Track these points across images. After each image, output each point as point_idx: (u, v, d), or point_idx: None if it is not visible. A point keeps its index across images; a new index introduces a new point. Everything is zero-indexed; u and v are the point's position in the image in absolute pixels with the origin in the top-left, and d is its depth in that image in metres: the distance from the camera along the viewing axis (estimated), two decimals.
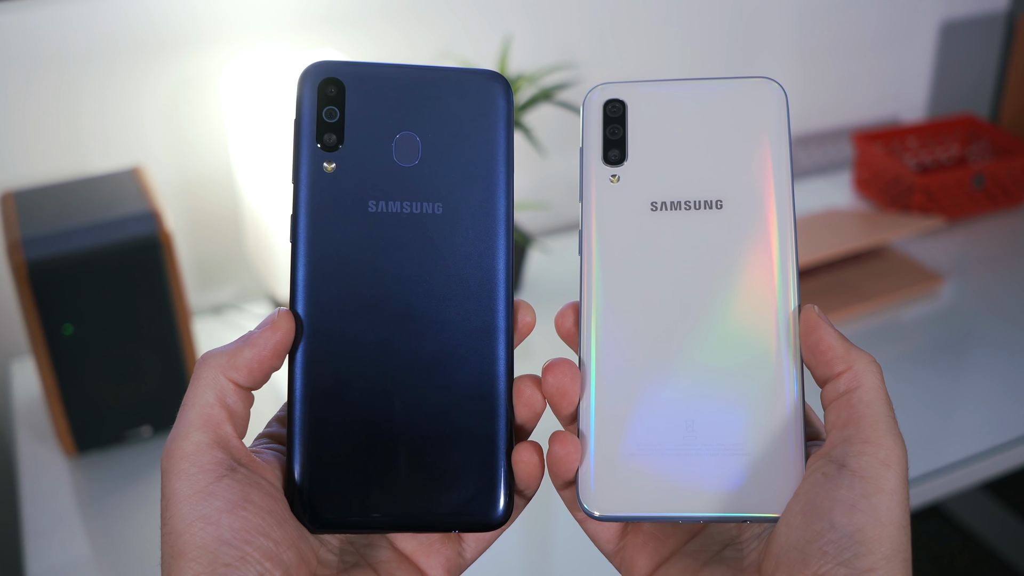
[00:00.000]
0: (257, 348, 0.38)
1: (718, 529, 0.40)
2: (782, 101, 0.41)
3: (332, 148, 0.40)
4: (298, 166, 0.40)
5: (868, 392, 0.38)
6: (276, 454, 0.39)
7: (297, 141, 0.40)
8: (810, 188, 1.50)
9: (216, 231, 1.22)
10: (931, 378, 1.06)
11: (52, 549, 0.87)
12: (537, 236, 1.40)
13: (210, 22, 1.12)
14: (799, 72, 1.50)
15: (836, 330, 0.39)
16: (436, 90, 0.40)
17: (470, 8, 1.24)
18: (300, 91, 0.40)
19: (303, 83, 0.40)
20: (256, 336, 0.38)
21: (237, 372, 0.37)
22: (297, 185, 0.40)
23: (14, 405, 1.05)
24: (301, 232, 0.39)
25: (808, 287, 1.22)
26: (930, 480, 0.93)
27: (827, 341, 0.38)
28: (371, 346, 0.39)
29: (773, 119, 0.40)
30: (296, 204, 0.39)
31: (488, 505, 0.39)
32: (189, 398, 0.37)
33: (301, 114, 0.40)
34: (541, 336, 1.19)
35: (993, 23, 1.63)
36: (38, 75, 1.07)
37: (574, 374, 0.40)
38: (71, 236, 0.89)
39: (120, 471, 0.95)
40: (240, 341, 0.38)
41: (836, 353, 0.38)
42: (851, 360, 0.38)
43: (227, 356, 0.38)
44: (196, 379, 0.37)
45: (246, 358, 0.38)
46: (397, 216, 0.40)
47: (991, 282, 1.25)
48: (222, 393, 0.37)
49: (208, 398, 0.37)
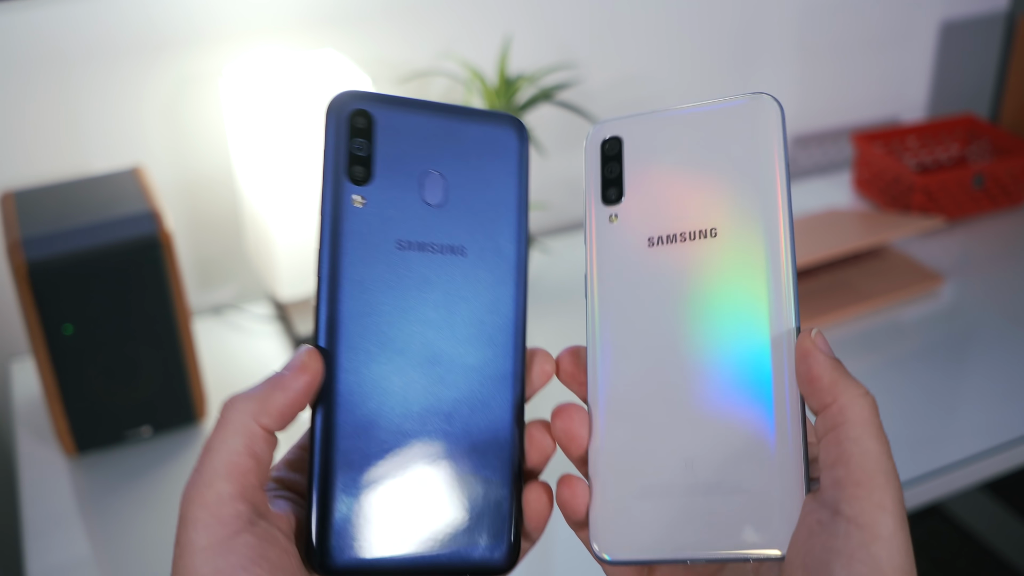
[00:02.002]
0: (288, 392, 0.36)
1: (734, 568, 0.39)
2: (777, 117, 0.39)
3: (361, 182, 0.39)
4: (325, 199, 0.38)
5: (855, 427, 0.35)
6: (290, 504, 0.38)
7: (326, 173, 0.38)
8: (810, 188, 1.50)
9: (216, 231, 1.22)
10: (931, 378, 1.06)
11: (52, 549, 0.87)
12: (537, 236, 1.40)
13: (210, 22, 1.12)
14: (799, 72, 1.50)
15: (829, 357, 0.37)
16: (460, 130, 0.40)
17: (470, 8, 1.24)
18: (329, 122, 0.39)
19: (332, 114, 0.39)
20: (287, 379, 0.37)
21: (268, 417, 0.36)
22: (324, 218, 0.38)
23: (14, 405, 1.05)
24: (327, 267, 0.38)
25: (808, 287, 1.22)
26: (930, 480, 0.93)
27: (815, 371, 0.36)
28: (394, 388, 0.38)
29: (766, 139, 0.39)
30: (323, 238, 0.38)
31: (497, 550, 0.39)
32: (215, 443, 0.35)
33: (329, 145, 0.38)
34: (542, 337, 1.19)
35: (993, 23, 1.63)
36: (38, 75, 1.07)
37: (582, 418, 0.40)
38: (71, 236, 0.89)
39: (120, 471, 0.95)
40: (269, 384, 0.37)
41: (822, 384, 0.36)
42: (837, 393, 0.36)
43: (257, 401, 0.36)
44: (224, 423, 0.36)
45: (277, 403, 0.36)
46: (423, 257, 0.39)
47: (991, 282, 1.25)
48: (251, 440, 0.35)
49: (236, 445, 0.35)
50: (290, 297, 1.09)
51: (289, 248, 1.05)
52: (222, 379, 1.07)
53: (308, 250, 1.06)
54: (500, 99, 1.14)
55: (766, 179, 0.39)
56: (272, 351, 1.13)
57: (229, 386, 1.06)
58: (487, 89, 1.14)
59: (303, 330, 1.12)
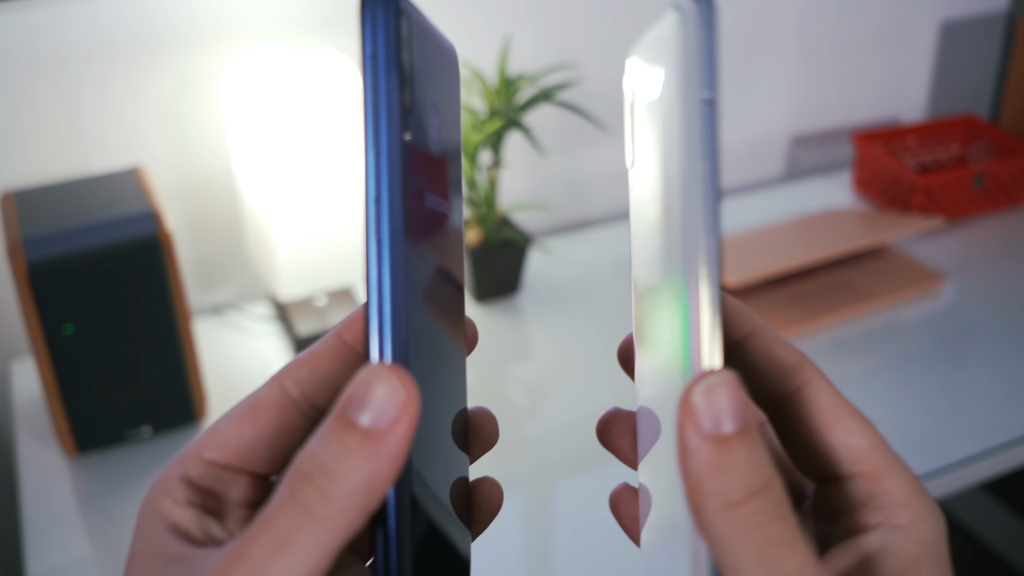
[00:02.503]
0: (386, 463, 0.27)
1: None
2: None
3: (407, 111, 0.28)
4: (379, 128, 0.27)
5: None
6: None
7: (375, 92, 0.27)
8: (810, 188, 1.50)
9: (216, 231, 1.22)
10: (931, 378, 1.06)
11: (52, 549, 0.87)
12: (537, 236, 1.40)
13: (210, 22, 1.12)
14: (799, 72, 1.50)
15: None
16: (441, 56, 0.31)
17: (470, 8, 1.24)
18: (377, 21, 0.27)
19: (380, 6, 0.27)
20: (386, 442, 0.25)
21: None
22: (379, 157, 0.27)
23: (14, 405, 1.05)
24: (394, 246, 0.27)
25: (808, 287, 1.22)
26: (930, 480, 0.93)
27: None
28: (431, 401, 0.29)
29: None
30: (380, 184, 0.27)
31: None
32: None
33: (380, 53, 0.27)
34: (543, 337, 1.20)
35: (993, 23, 1.63)
36: (39, 75, 1.07)
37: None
38: (72, 236, 0.89)
39: (120, 471, 0.95)
40: (360, 453, 0.26)
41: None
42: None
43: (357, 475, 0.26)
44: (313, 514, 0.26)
45: (381, 480, 0.27)
46: (436, 215, 0.30)
47: (991, 282, 1.25)
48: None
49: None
50: (290, 297, 1.09)
51: (289, 248, 1.05)
52: (222, 379, 1.07)
53: (308, 250, 1.06)
54: (500, 99, 1.14)
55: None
56: (272, 351, 1.13)
57: (229, 386, 1.06)
58: (487, 89, 1.14)
59: (303, 330, 1.12)
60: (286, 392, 0.29)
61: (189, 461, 0.28)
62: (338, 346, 0.30)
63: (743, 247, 1.25)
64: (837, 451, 0.28)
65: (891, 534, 0.26)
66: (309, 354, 0.30)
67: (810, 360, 0.29)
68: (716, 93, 0.27)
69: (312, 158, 1.02)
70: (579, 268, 1.29)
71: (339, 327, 0.30)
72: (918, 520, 0.27)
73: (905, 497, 0.27)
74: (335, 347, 0.30)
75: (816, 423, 0.28)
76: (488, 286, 1.20)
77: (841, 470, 0.28)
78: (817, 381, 0.28)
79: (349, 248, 1.09)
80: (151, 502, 0.27)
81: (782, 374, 0.29)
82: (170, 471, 0.28)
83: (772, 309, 1.17)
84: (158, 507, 0.27)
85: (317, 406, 0.30)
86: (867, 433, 0.27)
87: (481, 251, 1.17)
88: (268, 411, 0.29)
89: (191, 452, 0.28)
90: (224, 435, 0.28)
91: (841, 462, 0.28)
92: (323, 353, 0.30)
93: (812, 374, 0.28)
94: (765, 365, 0.29)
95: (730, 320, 0.30)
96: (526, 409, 1.04)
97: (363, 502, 0.24)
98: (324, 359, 0.30)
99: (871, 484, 0.27)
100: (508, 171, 1.34)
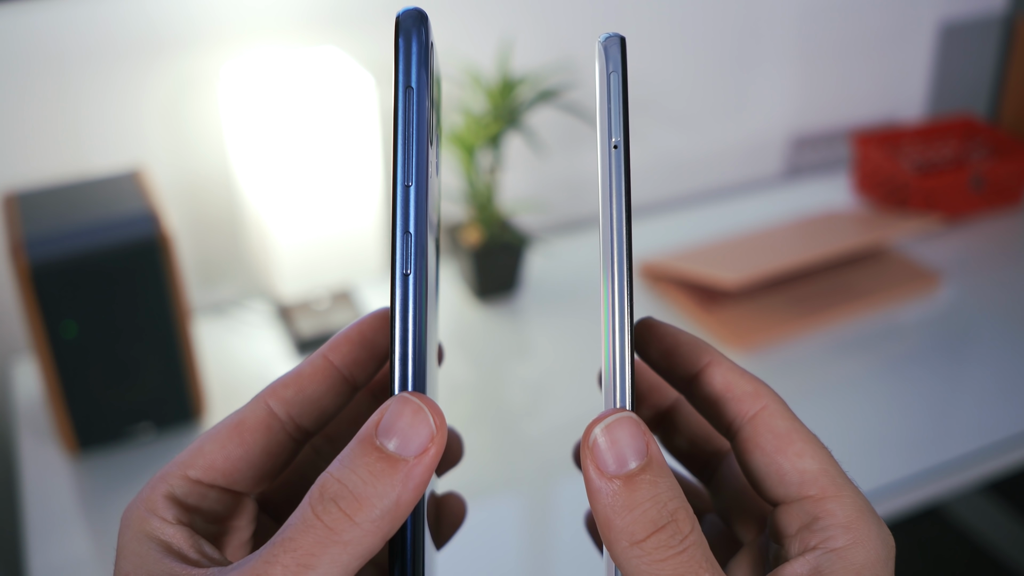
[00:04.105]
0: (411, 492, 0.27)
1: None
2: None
3: (431, 143, 0.28)
4: (409, 162, 0.27)
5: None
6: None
7: (407, 124, 0.27)
8: (808, 188, 1.50)
9: (216, 231, 1.22)
10: (929, 378, 1.07)
11: (54, 546, 0.88)
12: (537, 236, 1.40)
13: (210, 22, 1.12)
14: (799, 72, 1.50)
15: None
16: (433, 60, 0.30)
17: (470, 8, 1.24)
18: (411, 42, 0.27)
19: (416, 28, 0.27)
20: (415, 473, 0.25)
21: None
22: (411, 192, 0.27)
23: (16, 404, 1.06)
24: (420, 277, 0.27)
25: (807, 288, 1.22)
26: (930, 480, 0.94)
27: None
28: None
29: None
30: (409, 218, 0.27)
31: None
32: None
33: (414, 85, 0.27)
34: (542, 337, 1.20)
35: (992, 24, 1.63)
36: (39, 77, 1.08)
37: None
38: (73, 237, 0.90)
39: (121, 469, 0.96)
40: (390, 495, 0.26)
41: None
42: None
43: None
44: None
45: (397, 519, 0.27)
46: (436, 240, 0.29)
47: (989, 282, 1.25)
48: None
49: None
50: (290, 297, 1.09)
51: (289, 248, 1.06)
52: (222, 378, 1.08)
53: (308, 250, 1.07)
54: (500, 100, 1.14)
55: None
56: (272, 351, 1.13)
57: (229, 384, 1.06)
58: (487, 90, 1.14)
59: (303, 329, 1.12)
60: (272, 412, 0.29)
61: (173, 480, 0.28)
62: (325, 367, 0.30)
63: (742, 248, 1.26)
64: (787, 474, 0.28)
65: (825, 557, 0.27)
66: (295, 374, 0.30)
67: (768, 387, 0.30)
68: (624, 137, 0.27)
69: (312, 158, 1.02)
70: (579, 268, 1.30)
71: (325, 348, 0.30)
72: (856, 544, 0.26)
73: (847, 520, 0.27)
74: (322, 368, 0.30)
75: (770, 447, 0.28)
76: (488, 286, 1.21)
77: (791, 493, 0.28)
78: (773, 407, 0.29)
79: (349, 248, 1.09)
80: (137, 521, 0.27)
81: (740, 402, 0.29)
82: (153, 490, 0.28)
83: (771, 309, 1.18)
84: (146, 527, 0.27)
85: (303, 427, 0.30)
86: (818, 457, 0.28)
87: (481, 251, 1.17)
88: (254, 431, 0.29)
89: (174, 471, 0.28)
90: (209, 454, 0.28)
91: (791, 484, 0.28)
92: (310, 374, 0.30)
93: (769, 400, 0.29)
94: (725, 394, 0.30)
95: (688, 354, 0.31)
96: (526, 409, 1.04)
97: (386, 527, 0.24)
98: (311, 380, 0.30)
99: (816, 506, 0.27)
100: (508, 172, 1.35)
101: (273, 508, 0.32)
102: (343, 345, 0.30)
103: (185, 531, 0.27)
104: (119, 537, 0.27)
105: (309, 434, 0.30)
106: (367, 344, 0.30)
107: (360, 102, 1.03)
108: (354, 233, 1.08)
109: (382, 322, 0.31)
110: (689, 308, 1.19)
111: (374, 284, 1.25)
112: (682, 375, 0.31)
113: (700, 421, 0.33)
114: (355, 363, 0.30)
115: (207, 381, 1.07)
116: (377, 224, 1.10)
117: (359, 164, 1.05)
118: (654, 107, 1.42)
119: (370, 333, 0.30)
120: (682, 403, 0.34)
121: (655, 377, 0.34)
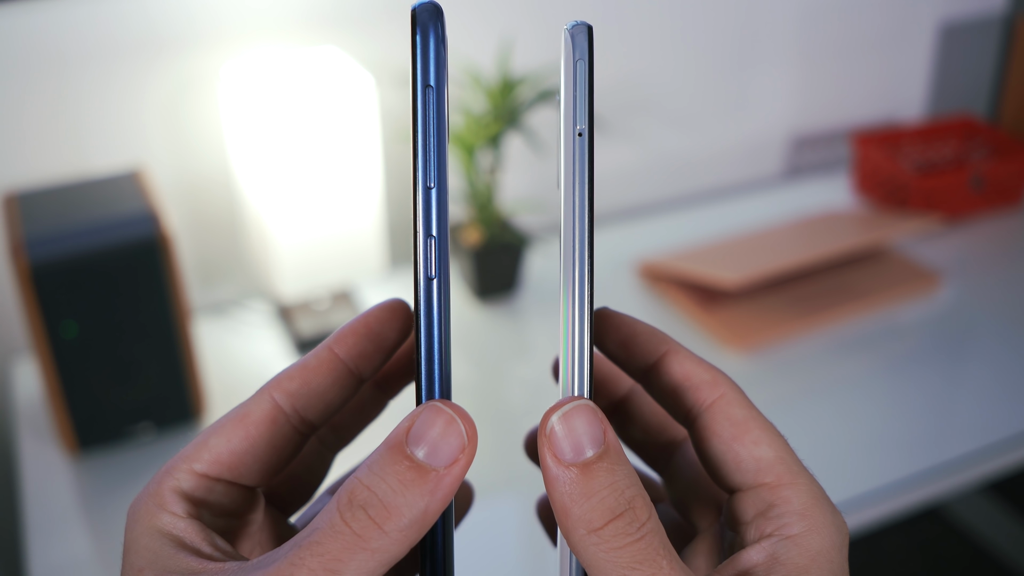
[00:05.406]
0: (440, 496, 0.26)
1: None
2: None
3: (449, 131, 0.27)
4: (428, 162, 0.26)
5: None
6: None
7: (426, 125, 0.26)
8: (808, 188, 1.50)
9: (216, 231, 1.22)
10: (929, 378, 1.07)
11: (54, 546, 0.88)
12: (537, 236, 1.40)
13: (210, 22, 1.12)
14: (799, 72, 1.50)
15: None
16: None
17: (470, 8, 1.24)
18: (428, 37, 0.26)
19: (433, 23, 0.26)
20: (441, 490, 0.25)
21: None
22: (433, 194, 0.26)
23: (16, 404, 1.06)
24: (442, 271, 0.26)
25: (807, 288, 1.22)
26: (930, 480, 0.94)
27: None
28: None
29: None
30: (432, 221, 0.26)
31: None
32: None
33: (434, 84, 0.26)
34: (542, 336, 1.20)
35: (991, 25, 1.63)
36: (39, 77, 1.08)
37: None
38: (73, 237, 0.90)
39: (121, 469, 0.96)
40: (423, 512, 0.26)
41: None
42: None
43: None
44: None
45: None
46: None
47: (989, 282, 1.25)
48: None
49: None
50: (290, 297, 1.09)
51: (289, 248, 1.06)
52: (222, 377, 1.08)
53: (308, 250, 1.07)
54: (500, 100, 1.14)
55: None
56: (272, 351, 1.14)
57: (229, 384, 1.06)
58: (487, 90, 1.14)
59: (303, 329, 1.12)
60: (277, 405, 0.29)
61: (180, 473, 0.28)
62: (330, 360, 0.30)
63: (742, 248, 1.26)
64: (744, 461, 0.28)
65: (780, 544, 0.27)
66: (300, 367, 0.29)
67: (725, 376, 0.30)
68: (588, 125, 0.27)
69: (312, 158, 1.02)
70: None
71: (331, 341, 0.30)
72: (812, 531, 0.27)
73: (802, 508, 0.27)
74: (327, 361, 0.30)
75: (727, 435, 0.28)
76: (488, 286, 1.21)
77: (747, 480, 0.28)
78: (731, 395, 0.29)
79: (349, 248, 1.09)
80: (146, 515, 0.27)
81: (698, 390, 0.29)
82: (160, 484, 0.27)
83: (771, 309, 1.18)
84: (156, 521, 0.27)
85: (308, 420, 0.30)
86: (774, 444, 0.28)
87: (481, 251, 1.17)
88: (259, 424, 0.28)
89: (180, 465, 0.28)
90: (214, 448, 0.28)
91: (747, 472, 0.28)
92: (315, 367, 0.29)
93: (726, 388, 0.29)
94: (683, 383, 0.30)
95: (645, 343, 0.31)
96: (526, 409, 1.04)
97: (413, 536, 0.24)
98: (316, 373, 0.29)
99: (771, 494, 0.28)
100: (508, 172, 1.35)
101: (279, 501, 0.32)
102: (349, 337, 0.30)
103: (196, 525, 0.27)
104: (127, 532, 0.27)
105: (314, 427, 0.30)
106: (373, 337, 0.30)
107: (360, 102, 1.03)
108: (354, 233, 1.08)
109: (388, 314, 0.30)
110: (689, 308, 1.19)
111: (374, 284, 1.25)
112: (640, 364, 0.31)
113: (654, 411, 0.33)
114: (361, 356, 0.30)
115: (207, 381, 1.07)
116: (377, 224, 1.10)
117: (359, 164, 1.05)
118: (654, 107, 1.42)
119: (376, 326, 0.30)
120: (636, 393, 0.34)
121: (610, 367, 0.34)
